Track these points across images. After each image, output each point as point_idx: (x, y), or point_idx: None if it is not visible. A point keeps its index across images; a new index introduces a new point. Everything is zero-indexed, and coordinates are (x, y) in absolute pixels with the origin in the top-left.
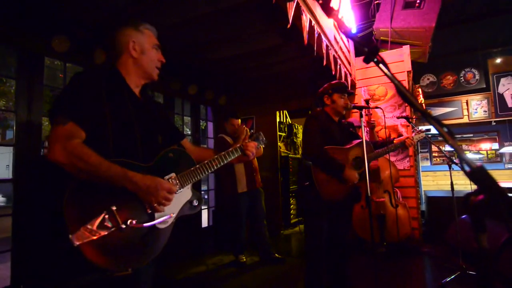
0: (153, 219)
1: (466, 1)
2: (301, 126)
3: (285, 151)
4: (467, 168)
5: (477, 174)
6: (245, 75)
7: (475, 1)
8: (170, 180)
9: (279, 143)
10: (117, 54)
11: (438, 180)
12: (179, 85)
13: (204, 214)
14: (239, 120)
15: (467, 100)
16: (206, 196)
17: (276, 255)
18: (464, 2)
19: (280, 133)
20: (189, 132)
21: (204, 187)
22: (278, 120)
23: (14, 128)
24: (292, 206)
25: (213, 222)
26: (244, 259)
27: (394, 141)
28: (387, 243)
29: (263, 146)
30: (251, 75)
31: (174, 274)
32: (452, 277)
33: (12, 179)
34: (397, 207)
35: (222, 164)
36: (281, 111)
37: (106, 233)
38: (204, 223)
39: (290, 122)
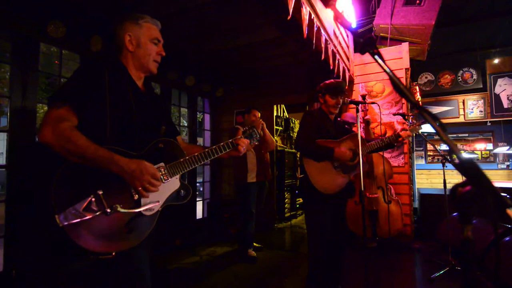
0: (139, 206)
1: (466, 1)
2: (298, 120)
3: (281, 145)
4: (457, 160)
5: (466, 166)
6: (243, 68)
7: (475, 1)
8: (158, 169)
9: (275, 137)
10: (119, 48)
11: (432, 178)
12: (176, 75)
13: (199, 206)
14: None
15: (463, 100)
16: (201, 188)
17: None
18: (464, 2)
19: (277, 127)
20: (186, 124)
21: (199, 179)
22: (275, 114)
23: (8, 114)
24: (286, 200)
25: (208, 214)
26: (255, 254)
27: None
28: (379, 239)
29: (256, 143)
30: (249, 68)
31: (166, 264)
32: (441, 272)
33: (5, 166)
34: (389, 203)
35: (213, 157)
36: (279, 105)
37: (91, 216)
38: (199, 214)
39: (287, 116)
